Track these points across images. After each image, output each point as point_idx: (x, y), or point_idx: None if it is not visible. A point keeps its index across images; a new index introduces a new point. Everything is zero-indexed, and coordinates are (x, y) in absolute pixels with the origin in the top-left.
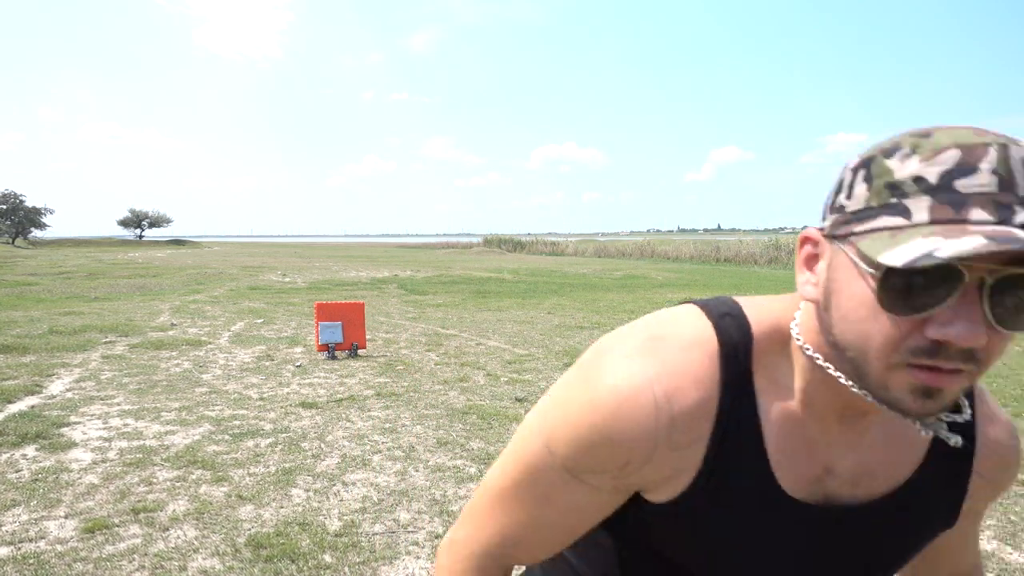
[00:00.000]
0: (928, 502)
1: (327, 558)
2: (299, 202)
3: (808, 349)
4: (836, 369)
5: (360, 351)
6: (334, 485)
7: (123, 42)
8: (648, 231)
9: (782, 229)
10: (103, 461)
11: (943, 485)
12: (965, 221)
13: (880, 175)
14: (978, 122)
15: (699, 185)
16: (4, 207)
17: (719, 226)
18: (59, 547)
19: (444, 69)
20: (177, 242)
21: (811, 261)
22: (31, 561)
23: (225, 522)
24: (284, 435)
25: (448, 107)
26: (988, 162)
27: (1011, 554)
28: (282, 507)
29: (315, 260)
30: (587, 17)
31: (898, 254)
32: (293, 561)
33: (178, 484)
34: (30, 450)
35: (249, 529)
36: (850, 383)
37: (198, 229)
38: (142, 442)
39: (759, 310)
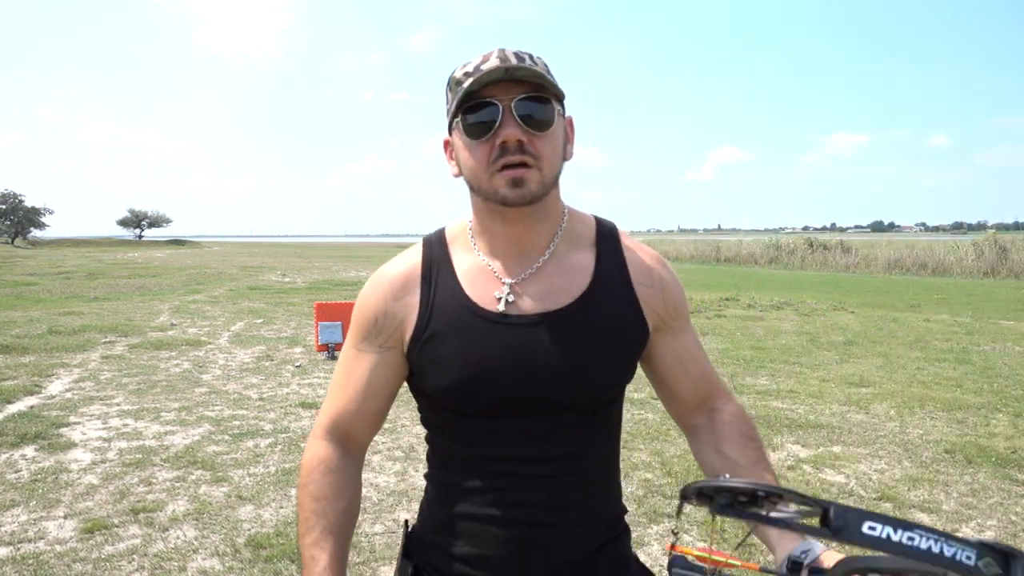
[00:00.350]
0: (606, 310)
1: None
2: (299, 202)
3: (471, 219)
4: (484, 206)
5: None
6: None
7: (123, 42)
8: (648, 231)
9: (782, 229)
10: (102, 461)
11: (614, 297)
12: (483, 74)
13: (452, 82)
14: (977, 122)
15: (699, 185)
16: (4, 207)
17: (719, 226)
18: (58, 547)
19: (444, 69)
20: (177, 242)
21: (451, 154)
22: (30, 561)
23: (225, 522)
24: (284, 435)
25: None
26: (496, 55)
27: None
28: (282, 507)
29: (315, 260)
30: (587, 17)
31: (459, 98)
32: (293, 561)
33: (178, 484)
34: (29, 450)
35: (249, 529)
36: (490, 203)
37: (198, 229)
38: (141, 442)
39: (455, 221)
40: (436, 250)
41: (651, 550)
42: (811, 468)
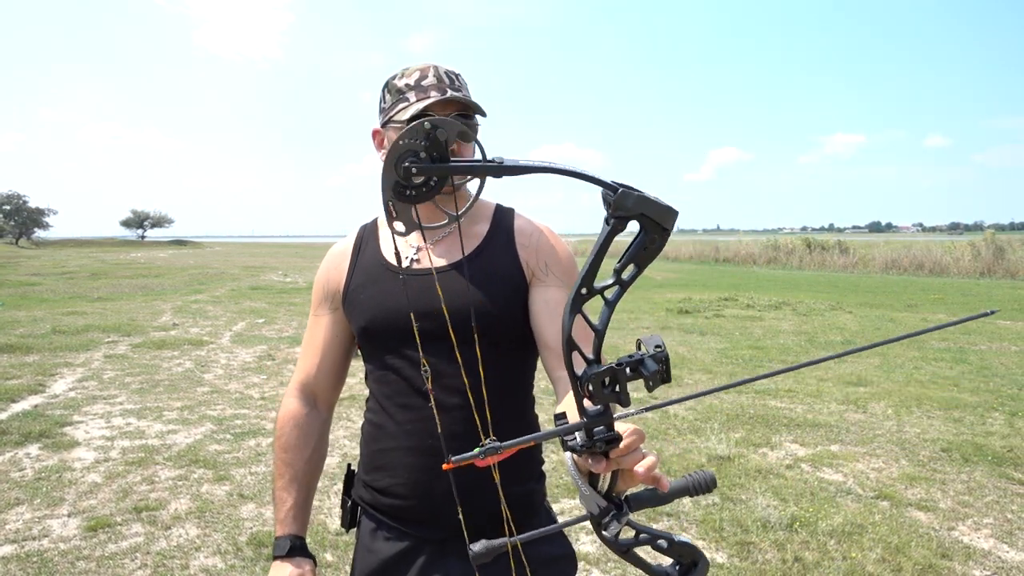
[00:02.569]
0: (491, 263)
1: (328, 556)
2: (300, 202)
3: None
4: None
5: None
6: (335, 484)
7: (123, 43)
8: None
9: (780, 230)
10: (105, 460)
11: (499, 254)
12: (428, 96)
13: (392, 89)
14: (977, 122)
15: (698, 185)
16: (7, 208)
17: (718, 226)
18: (62, 545)
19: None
20: (179, 242)
21: (378, 145)
22: (34, 559)
23: (227, 521)
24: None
25: None
26: (432, 74)
27: (1008, 552)
28: None
29: (316, 260)
30: (586, 18)
31: (407, 114)
32: None
33: (180, 483)
34: (33, 449)
35: (251, 528)
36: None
37: (200, 229)
38: (144, 441)
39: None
40: (367, 231)
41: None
42: (809, 467)
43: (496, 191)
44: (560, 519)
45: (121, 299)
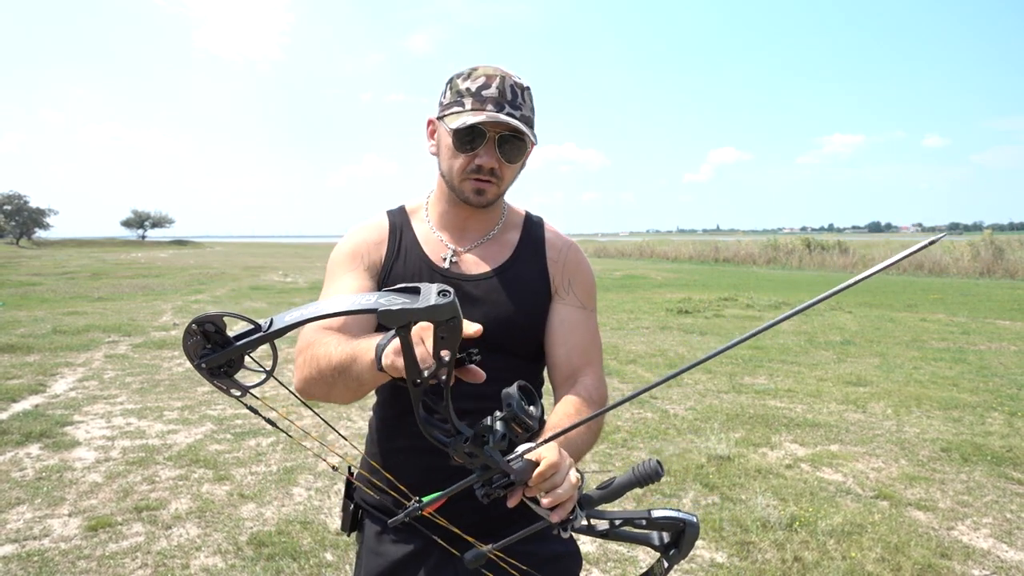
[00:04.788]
0: (521, 275)
1: (328, 556)
2: (300, 202)
3: (430, 194)
4: (447, 191)
5: None
6: (335, 484)
7: (124, 43)
8: (647, 231)
9: (780, 230)
10: (106, 460)
11: (529, 266)
12: (484, 109)
13: (453, 87)
14: (975, 122)
15: (698, 186)
16: (8, 208)
17: (718, 226)
18: (63, 545)
19: (443, 70)
20: (179, 242)
21: (431, 133)
22: (35, 559)
23: (227, 520)
24: (285, 435)
25: None
26: (496, 84)
27: (1007, 551)
28: (284, 506)
29: (317, 260)
30: (586, 18)
31: (458, 123)
32: (295, 559)
33: (180, 483)
34: (34, 449)
35: (251, 528)
36: (453, 194)
37: (200, 229)
38: (145, 441)
39: (413, 199)
40: (398, 218)
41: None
42: (809, 467)
43: None
44: None
45: (122, 299)
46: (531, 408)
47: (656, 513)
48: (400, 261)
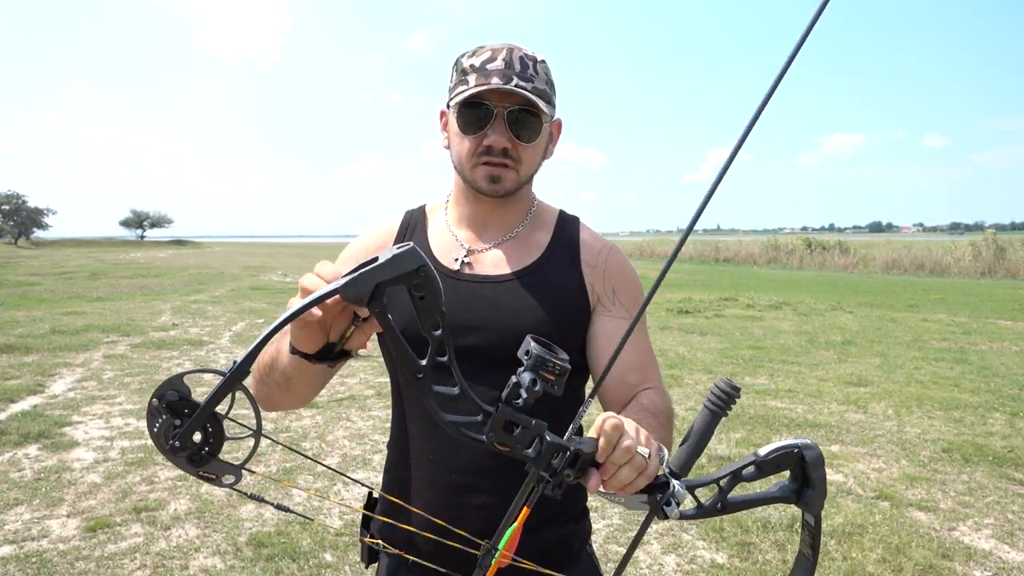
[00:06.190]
0: (550, 280)
1: (328, 557)
2: (300, 202)
3: (451, 192)
4: (462, 186)
5: (361, 351)
6: (335, 484)
7: (123, 43)
8: (648, 231)
9: (781, 229)
10: (105, 460)
11: (561, 271)
12: (488, 83)
13: (458, 67)
14: (975, 122)
15: (698, 186)
16: (7, 208)
17: (718, 226)
18: (61, 546)
19: (443, 70)
20: (178, 242)
21: (443, 126)
22: (34, 560)
23: (226, 521)
24: (285, 434)
25: None
26: (502, 57)
27: (1008, 552)
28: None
29: (316, 260)
30: (586, 18)
31: (458, 98)
32: (294, 560)
33: (179, 483)
34: (33, 449)
35: (250, 528)
36: (468, 186)
37: (199, 229)
38: (144, 441)
39: (437, 197)
40: (414, 217)
41: (651, 548)
42: None
43: None
44: (605, 566)
45: (120, 299)
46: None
47: (763, 450)
48: None
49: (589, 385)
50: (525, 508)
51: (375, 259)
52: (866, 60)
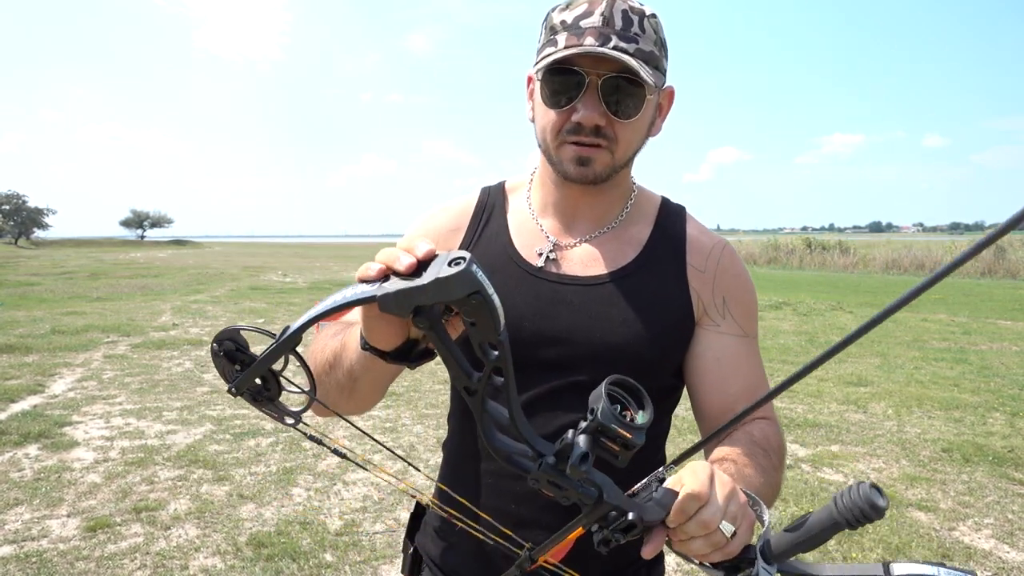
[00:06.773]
0: (648, 284)
1: (328, 557)
2: (300, 202)
3: (534, 171)
4: (547, 167)
5: None
6: (335, 484)
7: (124, 43)
8: None
9: (781, 229)
10: (105, 460)
11: (662, 273)
12: (580, 45)
13: (547, 23)
14: (975, 122)
15: (698, 186)
16: (7, 208)
17: (718, 226)
18: (61, 546)
19: (442, 70)
20: (178, 242)
21: (529, 94)
22: (33, 560)
23: (226, 521)
24: (285, 435)
25: (447, 108)
26: (600, 10)
27: (1008, 552)
28: (283, 506)
29: (316, 260)
30: None
31: (543, 63)
32: (294, 560)
33: (180, 483)
34: (32, 449)
35: (250, 528)
36: (551, 168)
37: (199, 229)
38: (144, 441)
39: (517, 175)
40: (492, 197)
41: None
42: (809, 467)
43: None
44: None
45: (120, 299)
46: (629, 414)
47: (899, 570)
48: (479, 248)
49: (679, 412)
50: (580, 528)
51: (432, 257)
52: (866, 60)
